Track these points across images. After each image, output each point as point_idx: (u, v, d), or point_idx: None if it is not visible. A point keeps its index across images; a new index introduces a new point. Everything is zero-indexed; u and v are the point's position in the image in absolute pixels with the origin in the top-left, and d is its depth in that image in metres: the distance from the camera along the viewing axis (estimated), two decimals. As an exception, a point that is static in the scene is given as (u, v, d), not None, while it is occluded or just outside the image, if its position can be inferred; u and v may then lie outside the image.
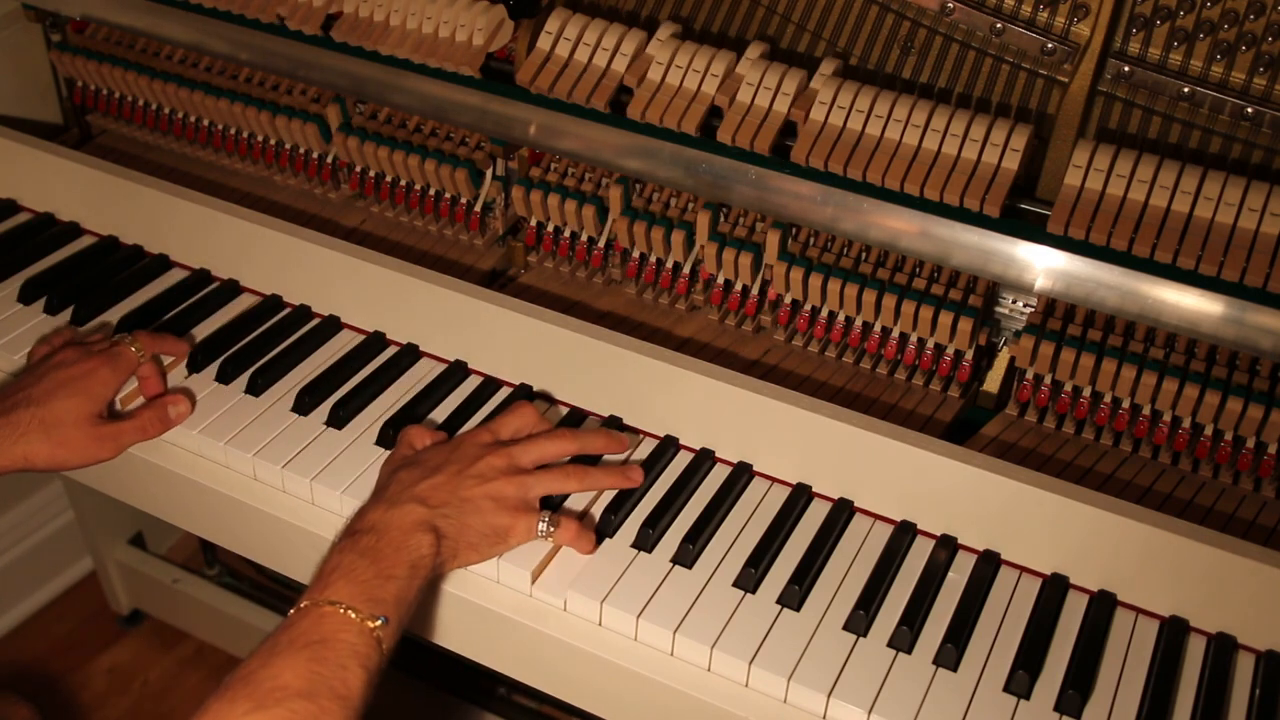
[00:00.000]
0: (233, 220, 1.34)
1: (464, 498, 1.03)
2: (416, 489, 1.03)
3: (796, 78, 1.22)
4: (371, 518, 1.00)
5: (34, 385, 1.15)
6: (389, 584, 0.94)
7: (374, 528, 0.99)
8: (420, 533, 0.99)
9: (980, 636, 1.03)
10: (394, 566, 0.96)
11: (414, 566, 0.97)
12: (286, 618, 0.92)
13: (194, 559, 2.14)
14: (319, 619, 0.90)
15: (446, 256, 1.44)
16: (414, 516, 1.00)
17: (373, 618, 0.91)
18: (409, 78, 1.37)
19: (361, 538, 0.98)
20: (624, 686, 1.03)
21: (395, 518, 1.00)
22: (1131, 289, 1.11)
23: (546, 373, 1.24)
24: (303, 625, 0.90)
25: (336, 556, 0.96)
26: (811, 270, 1.25)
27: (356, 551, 0.96)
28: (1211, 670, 1.01)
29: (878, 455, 1.11)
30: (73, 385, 1.15)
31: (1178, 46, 1.16)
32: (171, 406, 1.19)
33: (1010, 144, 1.16)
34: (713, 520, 1.11)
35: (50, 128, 1.71)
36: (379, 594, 0.93)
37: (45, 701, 1.99)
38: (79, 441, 1.14)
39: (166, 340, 1.25)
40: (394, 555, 0.97)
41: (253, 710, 0.83)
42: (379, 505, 1.02)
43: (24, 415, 1.12)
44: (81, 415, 1.15)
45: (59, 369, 1.17)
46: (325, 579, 0.94)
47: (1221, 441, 1.15)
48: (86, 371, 1.16)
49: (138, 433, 1.18)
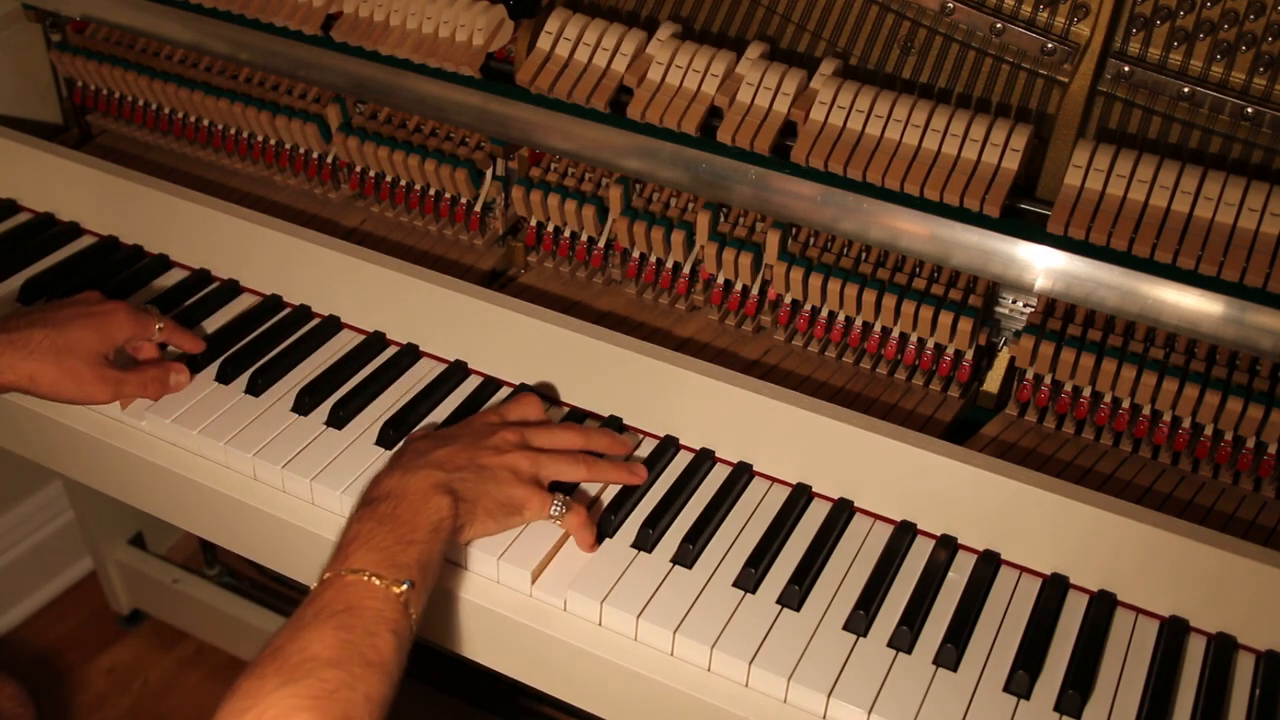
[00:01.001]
0: (233, 220, 1.34)
1: (481, 464, 1.04)
2: (432, 455, 1.03)
3: (796, 77, 1.22)
4: (388, 484, 0.99)
5: (53, 311, 1.17)
6: (410, 548, 0.93)
7: (391, 494, 0.98)
8: (438, 494, 0.98)
9: (980, 636, 1.03)
10: (414, 530, 0.95)
11: (434, 529, 0.96)
12: (310, 591, 0.91)
13: (194, 559, 2.14)
14: (343, 588, 0.89)
15: (446, 256, 1.44)
16: (431, 479, 1.00)
17: (397, 583, 0.90)
18: (409, 78, 1.37)
19: (379, 505, 0.97)
20: (624, 686, 1.03)
21: (412, 482, 0.99)
22: (1131, 289, 1.11)
23: (546, 373, 1.24)
24: (327, 596, 0.89)
25: (355, 526, 0.95)
26: (811, 270, 1.25)
27: (375, 519, 0.95)
28: (1211, 670, 1.01)
29: (878, 455, 1.11)
30: (90, 320, 1.17)
31: (1178, 46, 1.16)
32: (174, 374, 1.21)
33: (1010, 144, 1.16)
34: (713, 520, 1.11)
35: (50, 128, 1.71)
36: (401, 558, 0.92)
37: (45, 701, 1.99)
38: (84, 375, 1.15)
39: (186, 336, 1.26)
40: (413, 519, 0.96)
41: (283, 684, 0.81)
42: (394, 472, 1.01)
43: (38, 334, 1.14)
44: (92, 350, 1.16)
45: (80, 304, 1.20)
46: (345, 549, 0.93)
47: (1221, 441, 1.15)
48: (106, 311, 1.19)
49: (138, 387, 1.19)
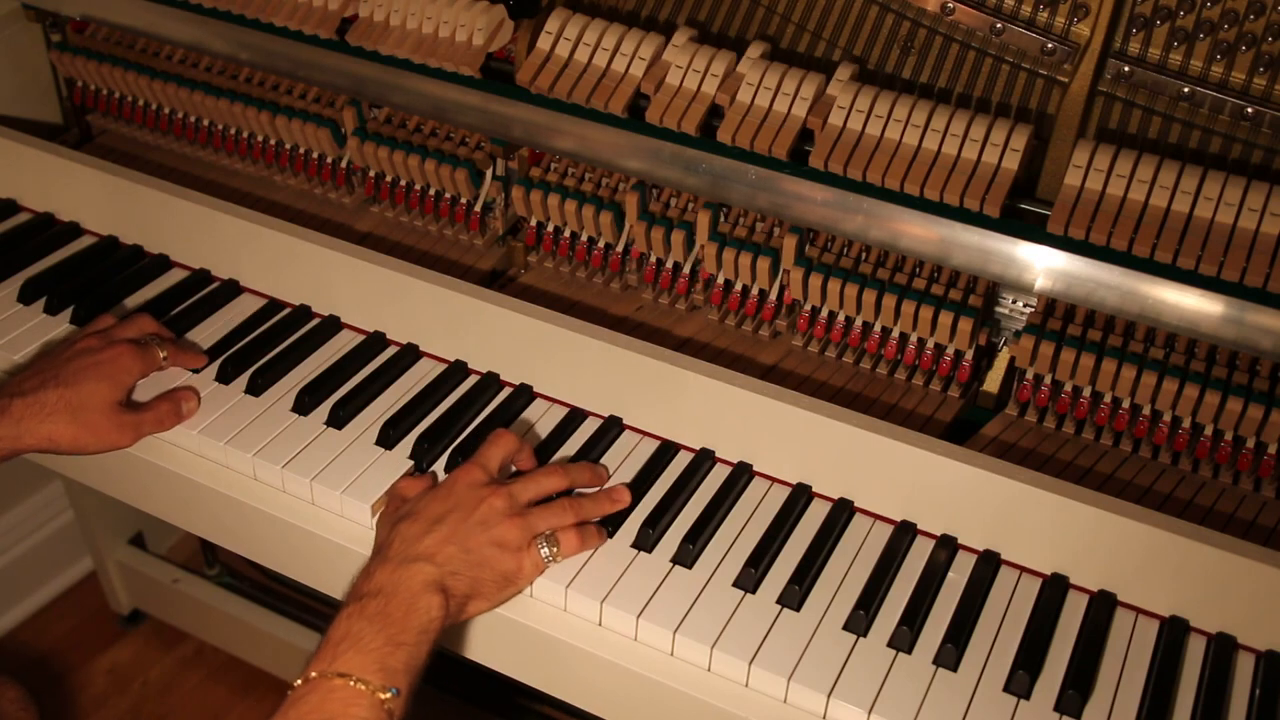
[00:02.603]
0: (233, 220, 1.34)
1: (470, 549, 1.00)
2: (422, 545, 0.99)
3: (797, 78, 1.22)
4: (379, 579, 0.97)
5: (62, 367, 1.16)
6: (399, 651, 0.91)
7: (382, 590, 0.95)
8: (430, 594, 0.96)
9: (980, 636, 1.03)
10: (404, 632, 0.93)
11: (423, 630, 0.94)
12: (293, 689, 0.89)
13: (194, 559, 2.14)
14: (328, 693, 0.87)
15: (447, 256, 1.44)
16: (423, 576, 0.97)
17: (384, 689, 0.88)
18: (409, 78, 1.37)
19: (370, 602, 0.94)
20: (624, 686, 1.03)
21: (404, 578, 0.96)
22: (1131, 289, 1.11)
23: (547, 373, 1.24)
24: (312, 700, 0.87)
25: (345, 623, 0.93)
26: (811, 270, 1.25)
27: (365, 617, 0.93)
28: (1211, 670, 1.01)
29: (878, 455, 1.11)
30: (100, 370, 1.16)
31: (1178, 46, 1.16)
32: (184, 402, 1.20)
33: (1010, 144, 1.16)
34: (713, 520, 1.11)
35: (50, 128, 1.71)
36: (390, 662, 0.90)
37: (45, 701, 1.99)
38: (102, 426, 1.15)
39: (190, 355, 1.25)
40: (404, 619, 0.93)
41: None
42: (385, 565, 0.98)
43: (52, 395, 1.13)
44: (107, 401, 1.15)
45: (86, 354, 1.18)
46: (334, 649, 0.90)
47: (1221, 441, 1.15)
48: (113, 358, 1.18)
49: (155, 424, 1.18)
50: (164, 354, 1.22)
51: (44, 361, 1.19)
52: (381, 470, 1.15)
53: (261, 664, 2.05)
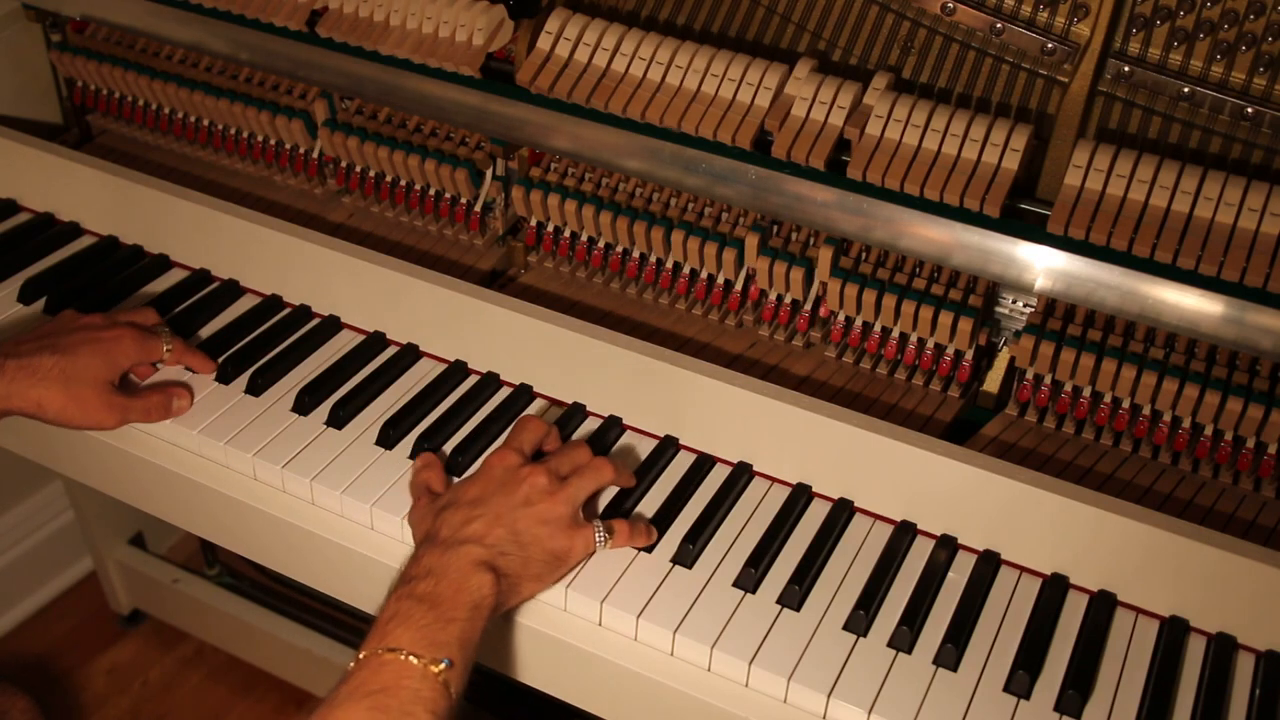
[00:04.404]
0: (233, 220, 1.34)
1: (518, 530, 1.00)
2: (470, 529, 0.99)
3: (809, 80, 1.22)
4: (427, 561, 0.96)
5: (62, 336, 1.16)
6: (450, 626, 0.91)
7: (431, 571, 0.95)
8: (480, 572, 0.95)
9: (980, 636, 1.03)
10: (455, 609, 0.92)
11: (475, 607, 0.94)
12: (346, 671, 0.89)
13: (194, 559, 2.14)
14: (378, 667, 0.88)
15: (447, 256, 1.44)
16: (472, 556, 0.97)
17: (435, 661, 0.88)
18: (409, 78, 1.36)
19: (419, 583, 0.94)
20: (624, 686, 1.03)
21: (453, 559, 0.96)
22: (1131, 289, 1.10)
23: (547, 373, 1.24)
24: (362, 675, 0.87)
25: (393, 604, 0.93)
26: (811, 271, 1.25)
27: (414, 597, 0.92)
28: (1211, 670, 1.01)
29: (878, 455, 1.11)
30: (99, 346, 1.16)
31: (1178, 46, 1.16)
32: (175, 399, 1.20)
33: (1010, 144, 1.16)
34: (713, 520, 1.11)
35: (50, 128, 1.71)
36: (441, 637, 0.90)
37: (45, 701, 1.99)
38: (91, 402, 1.15)
39: (196, 356, 1.25)
40: (454, 597, 0.93)
41: None
42: (434, 549, 0.98)
43: (47, 361, 1.13)
44: (100, 377, 1.15)
45: (87, 329, 1.18)
46: (383, 628, 0.90)
47: (1221, 441, 1.15)
48: (114, 337, 1.18)
49: (142, 414, 1.18)
50: (168, 347, 1.22)
51: (44, 329, 1.19)
52: (381, 470, 1.15)
53: (261, 664, 2.05)
